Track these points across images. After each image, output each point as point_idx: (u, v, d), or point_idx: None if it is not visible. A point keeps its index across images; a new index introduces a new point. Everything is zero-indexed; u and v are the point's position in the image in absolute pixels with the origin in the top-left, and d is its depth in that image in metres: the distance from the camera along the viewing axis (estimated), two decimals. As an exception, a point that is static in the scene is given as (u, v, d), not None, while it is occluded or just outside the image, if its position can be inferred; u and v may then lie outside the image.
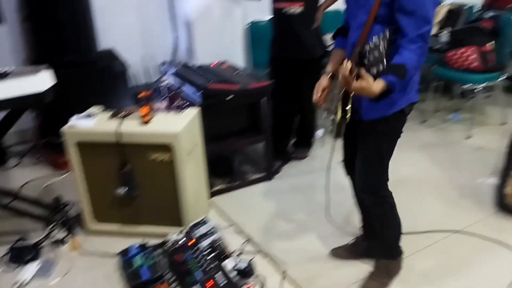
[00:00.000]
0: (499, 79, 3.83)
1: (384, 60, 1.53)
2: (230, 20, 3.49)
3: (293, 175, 3.35)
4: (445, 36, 4.00)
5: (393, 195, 2.07)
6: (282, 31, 3.17)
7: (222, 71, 3.09)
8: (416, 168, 3.32)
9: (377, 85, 1.61)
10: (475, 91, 3.89)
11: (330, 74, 2.01)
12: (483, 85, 3.79)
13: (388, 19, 1.73)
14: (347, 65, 1.61)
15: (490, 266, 2.32)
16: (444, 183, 3.10)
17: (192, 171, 2.53)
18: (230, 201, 3.02)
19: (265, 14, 3.31)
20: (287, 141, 3.55)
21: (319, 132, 3.87)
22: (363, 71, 1.57)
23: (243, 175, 3.30)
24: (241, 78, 2.97)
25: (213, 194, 3.04)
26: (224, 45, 3.48)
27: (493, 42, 3.75)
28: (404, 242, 2.19)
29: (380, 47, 1.52)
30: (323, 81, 2.01)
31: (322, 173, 3.32)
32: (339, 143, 2.13)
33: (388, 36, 1.50)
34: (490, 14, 3.92)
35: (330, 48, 3.49)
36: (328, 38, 3.53)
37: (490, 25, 3.85)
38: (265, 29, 3.51)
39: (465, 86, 3.84)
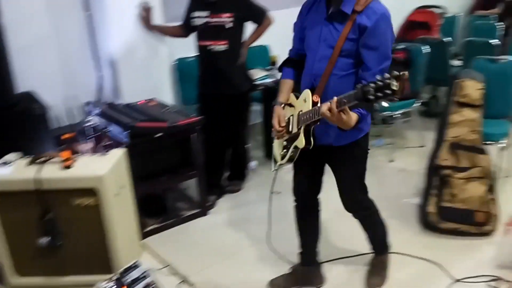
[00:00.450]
0: (415, 105, 4.11)
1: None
2: (156, 57, 3.48)
3: (228, 209, 3.34)
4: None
5: (324, 220, 2.12)
6: (209, 67, 3.21)
7: (149, 109, 3.05)
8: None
9: (354, 118, 1.77)
10: (394, 117, 4.14)
11: (283, 104, 2.12)
12: (401, 111, 4.04)
13: (352, 53, 1.88)
14: (334, 101, 1.68)
15: (419, 283, 2.43)
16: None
17: (121, 213, 2.44)
18: (164, 241, 2.94)
19: (191, 51, 3.34)
20: (221, 175, 3.54)
21: (252, 164, 3.91)
22: (347, 108, 1.68)
23: (177, 212, 3.24)
24: (170, 115, 2.95)
25: (146, 235, 2.95)
26: (151, 83, 3.45)
27: (407, 71, 4.02)
28: (337, 266, 2.24)
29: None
30: (280, 111, 2.10)
31: (257, 205, 3.36)
32: (279, 171, 2.19)
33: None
34: (402, 45, 4.23)
35: (256, 82, 3.60)
36: (253, 73, 3.63)
37: (402, 56, 4.14)
38: (192, 66, 3.54)
39: (385, 113, 4.07)
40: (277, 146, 2.23)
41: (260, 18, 3.23)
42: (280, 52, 4.12)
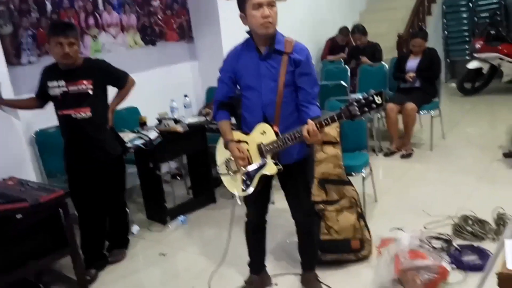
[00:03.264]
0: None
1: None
2: (11, 132, 3.21)
3: (113, 281, 3.11)
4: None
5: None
6: (75, 136, 3.05)
7: (7, 189, 2.77)
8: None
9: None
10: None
11: (236, 140, 2.39)
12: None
13: (292, 83, 2.29)
14: (313, 124, 2.11)
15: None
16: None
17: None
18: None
19: (50, 120, 3.15)
20: (101, 246, 3.31)
21: (134, 228, 3.74)
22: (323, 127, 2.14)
23: (53, 297, 2.93)
24: (31, 192, 2.70)
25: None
26: (8, 160, 3.16)
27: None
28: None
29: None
30: (240, 147, 2.35)
31: (146, 270, 3.21)
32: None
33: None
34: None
35: (128, 145, 3.51)
36: (123, 136, 3.54)
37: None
38: (54, 136, 3.34)
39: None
40: (231, 182, 2.48)
41: (121, 81, 3.20)
42: (149, 113, 4.14)
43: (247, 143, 2.38)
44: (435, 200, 3.71)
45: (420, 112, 4.90)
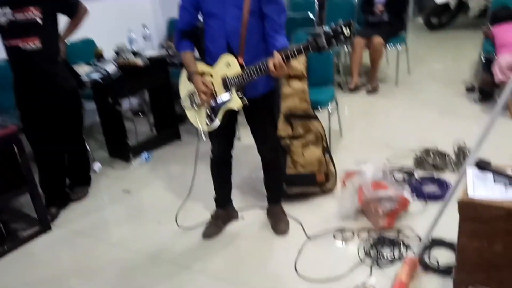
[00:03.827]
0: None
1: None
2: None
3: (74, 220, 3.05)
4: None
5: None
6: (25, 69, 2.84)
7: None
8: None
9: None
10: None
11: (200, 72, 2.28)
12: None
13: (257, 12, 2.15)
14: (279, 57, 2.01)
15: (281, 239, 2.55)
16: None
17: None
18: (5, 270, 2.57)
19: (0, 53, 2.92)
20: (61, 184, 3.22)
21: (96, 167, 3.64)
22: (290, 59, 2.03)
23: (13, 235, 2.86)
24: (-19, 129, 2.54)
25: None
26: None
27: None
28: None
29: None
30: (204, 80, 2.24)
31: (110, 207, 3.16)
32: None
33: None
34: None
35: (83, 79, 3.32)
36: (78, 69, 3.34)
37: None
38: (4, 69, 3.10)
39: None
40: (196, 116, 2.40)
41: (72, 9, 2.96)
42: (105, 45, 3.90)
43: (211, 75, 2.28)
44: (399, 134, 3.77)
45: (387, 46, 4.85)
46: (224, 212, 2.79)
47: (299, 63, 2.98)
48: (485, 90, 4.19)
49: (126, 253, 2.63)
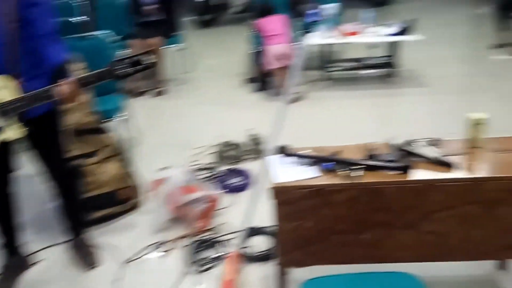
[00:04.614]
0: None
1: None
2: None
3: None
4: None
5: None
6: None
7: None
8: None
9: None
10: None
11: None
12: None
13: (22, 16, 1.75)
14: (74, 84, 1.75)
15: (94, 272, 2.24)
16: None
17: None
18: None
19: None
20: None
21: None
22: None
23: None
24: None
25: None
26: None
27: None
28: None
29: None
30: None
31: None
32: None
33: None
34: None
35: None
36: None
37: None
38: None
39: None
40: None
41: None
42: None
43: None
44: (195, 132, 3.78)
45: (166, 47, 4.81)
46: (16, 259, 2.31)
47: (79, 71, 2.66)
48: (260, 79, 4.55)
49: None
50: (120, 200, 2.72)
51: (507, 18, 4.89)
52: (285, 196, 1.74)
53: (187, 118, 4.16)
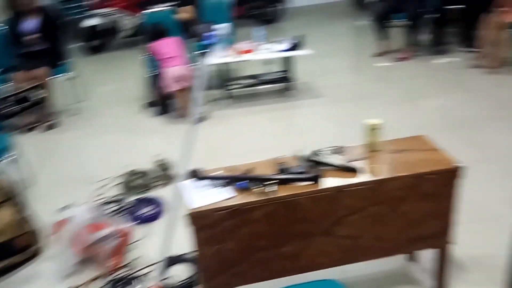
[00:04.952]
0: None
1: None
2: None
3: None
4: None
5: None
6: None
7: None
8: None
9: None
10: None
11: None
12: None
13: None
14: None
15: None
16: None
17: None
18: None
19: None
20: None
21: None
22: None
23: None
24: None
25: None
26: None
27: None
28: None
29: None
30: None
31: None
32: None
33: None
34: None
35: None
36: None
37: None
38: None
39: None
40: None
41: None
42: None
43: None
44: (96, 164, 3.57)
45: (54, 76, 4.50)
46: None
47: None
48: (160, 103, 4.45)
49: None
50: (19, 249, 2.47)
51: (384, 28, 5.36)
52: (203, 220, 1.70)
53: (85, 150, 3.91)
